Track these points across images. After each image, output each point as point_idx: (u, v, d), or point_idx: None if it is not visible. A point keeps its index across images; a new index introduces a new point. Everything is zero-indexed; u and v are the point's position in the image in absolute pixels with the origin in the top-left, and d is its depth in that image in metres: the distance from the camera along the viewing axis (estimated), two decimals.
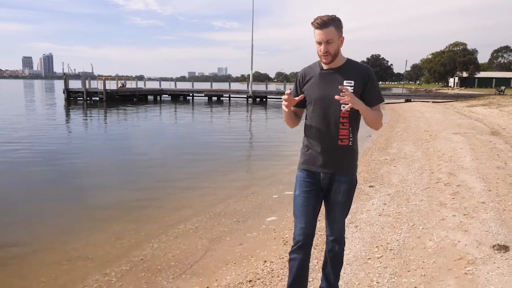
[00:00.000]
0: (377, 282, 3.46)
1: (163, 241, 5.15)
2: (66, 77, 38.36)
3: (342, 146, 2.63)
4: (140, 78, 61.34)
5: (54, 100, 38.81)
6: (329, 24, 2.46)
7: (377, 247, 4.22)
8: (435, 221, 4.76)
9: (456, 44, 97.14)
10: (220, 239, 5.20)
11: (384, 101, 2.79)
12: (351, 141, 2.64)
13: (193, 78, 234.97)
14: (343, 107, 2.55)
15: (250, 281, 3.78)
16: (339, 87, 2.44)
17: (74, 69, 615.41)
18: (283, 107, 2.66)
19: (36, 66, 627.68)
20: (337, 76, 2.59)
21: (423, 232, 4.46)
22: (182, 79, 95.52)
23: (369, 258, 3.96)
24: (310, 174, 2.73)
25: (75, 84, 39.80)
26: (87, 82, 37.69)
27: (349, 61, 2.65)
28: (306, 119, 2.77)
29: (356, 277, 3.58)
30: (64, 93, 37.52)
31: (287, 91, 2.65)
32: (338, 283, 3.03)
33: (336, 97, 2.44)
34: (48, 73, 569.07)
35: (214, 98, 43.24)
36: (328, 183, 2.70)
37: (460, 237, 4.17)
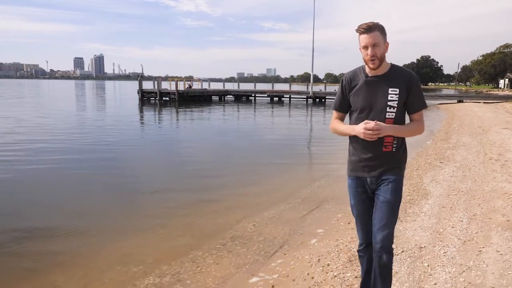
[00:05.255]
0: (457, 203, 6.24)
1: (290, 205, 8.13)
2: (140, 79, 42.23)
3: (386, 153, 2.67)
4: (189, 78, 64.93)
5: (131, 101, 42.73)
6: (374, 29, 2.51)
7: (452, 190, 6.98)
8: (489, 178, 7.48)
9: (507, 45, 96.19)
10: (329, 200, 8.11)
11: (427, 107, 2.79)
12: (394, 147, 2.66)
13: (242, 79, 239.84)
14: (388, 115, 2.61)
15: None
16: (366, 125, 2.57)
17: (125, 70, 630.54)
18: (372, 135, 2.59)
19: (87, 66, 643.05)
20: (382, 84, 2.62)
21: (482, 183, 7.20)
22: (231, 79, 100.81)
23: (449, 195, 6.73)
24: (359, 182, 2.80)
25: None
26: (156, 83, 41.52)
27: (393, 68, 2.66)
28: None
29: (443, 202, 6.36)
30: (138, 93, 41.36)
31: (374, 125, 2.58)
32: None
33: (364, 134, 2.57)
34: (99, 73, 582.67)
35: (275, 99, 45.62)
36: (376, 186, 2.75)
37: (506, 185, 6.89)
